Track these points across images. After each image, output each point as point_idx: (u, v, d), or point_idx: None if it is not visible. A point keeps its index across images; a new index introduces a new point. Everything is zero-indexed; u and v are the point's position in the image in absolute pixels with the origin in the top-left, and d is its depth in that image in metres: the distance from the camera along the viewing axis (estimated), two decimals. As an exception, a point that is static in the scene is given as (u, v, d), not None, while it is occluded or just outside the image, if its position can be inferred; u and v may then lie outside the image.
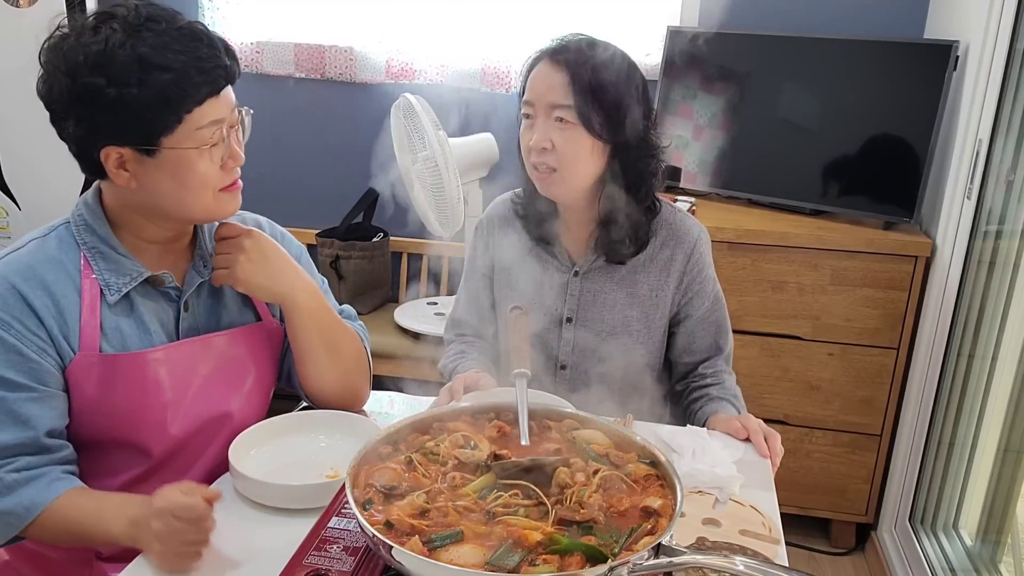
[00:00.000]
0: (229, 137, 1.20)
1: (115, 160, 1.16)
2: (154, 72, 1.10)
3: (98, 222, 1.23)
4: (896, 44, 2.48)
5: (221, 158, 1.19)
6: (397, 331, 2.79)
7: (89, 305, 1.19)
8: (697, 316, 1.64)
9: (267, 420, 1.36)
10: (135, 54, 1.10)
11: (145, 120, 1.12)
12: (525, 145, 1.54)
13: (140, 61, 1.10)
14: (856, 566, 2.57)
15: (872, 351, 2.44)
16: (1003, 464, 2.14)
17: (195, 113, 1.14)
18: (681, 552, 0.95)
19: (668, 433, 1.43)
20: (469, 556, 0.93)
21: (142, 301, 1.24)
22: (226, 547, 1.13)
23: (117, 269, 1.21)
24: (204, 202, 1.20)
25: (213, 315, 1.32)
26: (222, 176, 1.20)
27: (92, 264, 1.21)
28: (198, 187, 1.18)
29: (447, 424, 1.19)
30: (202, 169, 1.17)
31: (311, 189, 3.17)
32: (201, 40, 1.14)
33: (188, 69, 1.12)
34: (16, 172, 2.97)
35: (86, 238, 1.22)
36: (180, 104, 1.13)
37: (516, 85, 2.84)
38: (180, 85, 1.12)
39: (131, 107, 1.11)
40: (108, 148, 1.15)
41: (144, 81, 1.10)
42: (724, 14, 2.78)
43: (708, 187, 2.71)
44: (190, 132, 1.15)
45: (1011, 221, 2.17)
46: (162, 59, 1.10)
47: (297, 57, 3.00)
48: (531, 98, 1.52)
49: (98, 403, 1.20)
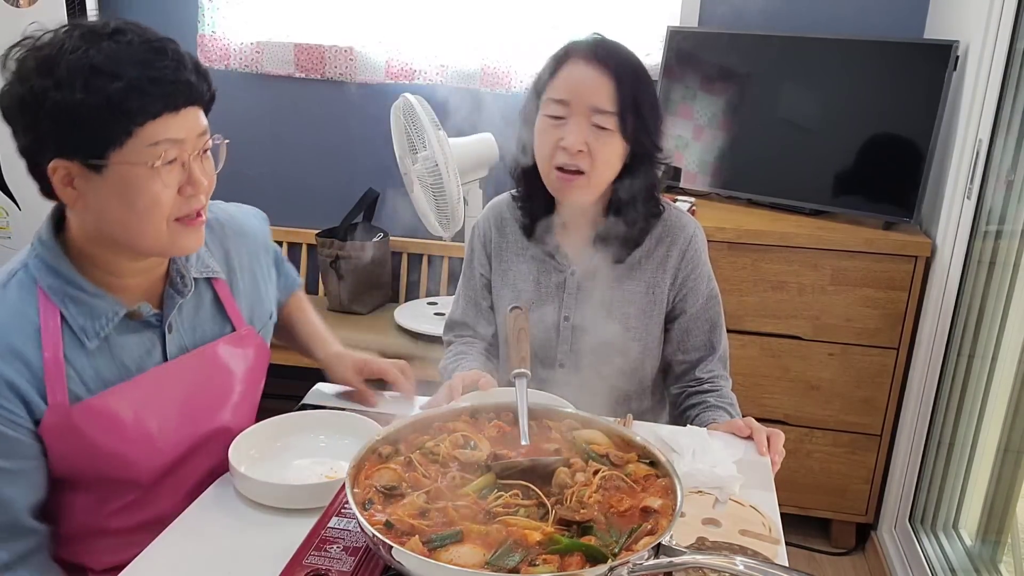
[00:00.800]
0: (191, 162, 1.11)
1: (62, 175, 1.08)
2: (103, 79, 1.03)
3: (58, 261, 1.14)
4: (896, 44, 2.48)
5: (178, 183, 1.11)
6: (397, 331, 2.78)
7: (53, 357, 1.11)
8: (691, 312, 1.63)
9: (267, 420, 1.36)
10: (86, 60, 1.03)
11: (91, 130, 1.04)
12: (549, 143, 1.49)
13: (90, 67, 1.03)
14: (856, 566, 2.57)
15: (872, 351, 2.44)
16: (1003, 464, 2.14)
17: (147, 128, 1.06)
18: (681, 552, 0.94)
19: (668, 433, 1.43)
20: (469, 556, 0.93)
21: (120, 338, 1.17)
22: (226, 547, 1.13)
23: (90, 311, 1.14)
24: (155, 230, 1.11)
25: (197, 329, 1.27)
26: (178, 203, 1.12)
27: (62, 310, 1.13)
28: (147, 211, 1.09)
29: (447, 424, 1.19)
30: (152, 190, 1.08)
31: (311, 189, 3.17)
32: (165, 54, 1.08)
33: (142, 79, 1.04)
34: (16, 172, 2.97)
35: (49, 281, 1.13)
36: (130, 116, 1.04)
37: (516, 85, 2.85)
38: (130, 95, 1.03)
39: (75, 114, 1.03)
40: (56, 161, 1.07)
41: (91, 87, 1.02)
42: (724, 14, 2.78)
43: (708, 187, 2.71)
44: (140, 148, 1.06)
45: (1011, 221, 2.17)
46: (114, 67, 1.03)
47: (297, 57, 3.00)
48: (567, 97, 1.47)
49: (77, 451, 1.15)
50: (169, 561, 1.10)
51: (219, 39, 3.01)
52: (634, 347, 1.62)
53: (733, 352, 1.74)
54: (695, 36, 2.73)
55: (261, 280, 1.41)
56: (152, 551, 1.11)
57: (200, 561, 1.10)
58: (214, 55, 3.02)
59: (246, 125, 3.12)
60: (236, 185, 1.70)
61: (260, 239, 1.44)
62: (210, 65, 3.01)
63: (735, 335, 2.43)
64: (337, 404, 1.52)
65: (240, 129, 3.19)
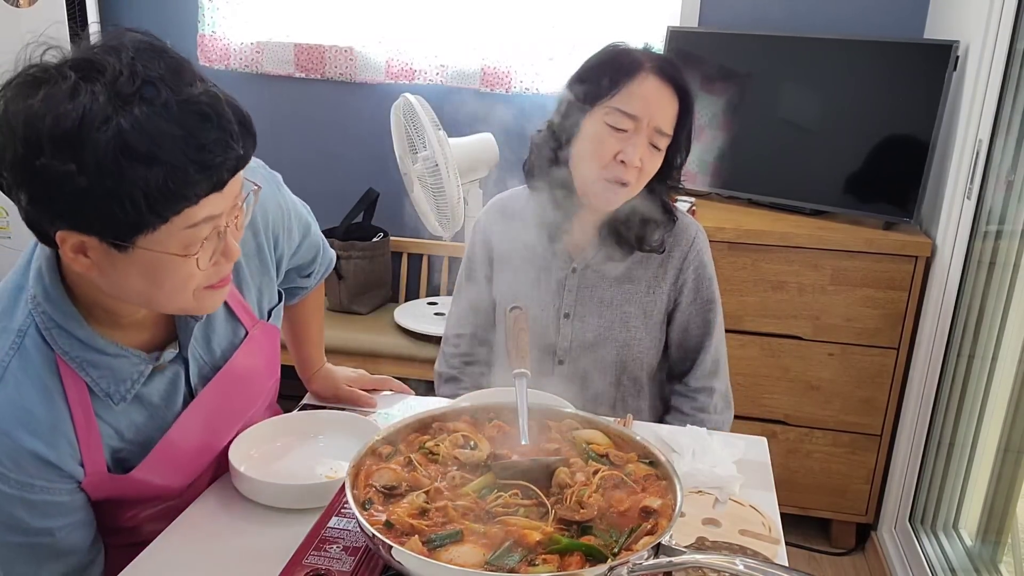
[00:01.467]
0: (228, 233, 0.98)
1: (74, 245, 0.92)
2: (138, 165, 0.85)
3: (69, 320, 1.02)
4: (896, 44, 2.48)
5: (212, 254, 0.98)
6: (397, 331, 2.78)
7: (84, 422, 1.03)
8: (689, 314, 1.64)
9: (267, 420, 1.36)
10: (118, 138, 0.84)
11: (120, 218, 0.88)
12: (607, 154, 1.47)
13: (124, 148, 0.84)
14: (856, 566, 2.57)
15: (872, 351, 2.44)
16: (1003, 464, 2.14)
17: (185, 213, 0.90)
18: (681, 552, 0.94)
19: (668, 433, 1.43)
20: (469, 556, 0.93)
21: (146, 390, 1.11)
22: (226, 547, 1.13)
23: (114, 375, 1.05)
24: (181, 303, 1.01)
25: (211, 340, 1.21)
26: (209, 275, 0.99)
27: (82, 375, 1.03)
28: (176, 289, 0.98)
29: (447, 424, 1.19)
30: (184, 273, 0.96)
31: (311, 189, 3.15)
32: (210, 121, 0.89)
33: (185, 164, 0.87)
34: (16, 172, 2.97)
35: (63, 345, 1.02)
36: (167, 205, 0.88)
37: (516, 85, 2.85)
38: (171, 183, 0.87)
39: (104, 202, 0.86)
40: (66, 232, 0.91)
41: (125, 174, 0.85)
42: (724, 14, 2.78)
43: (708, 187, 2.71)
44: (176, 232, 0.91)
45: (1011, 221, 2.17)
46: (152, 147, 0.85)
47: (297, 57, 3.00)
48: (637, 113, 1.44)
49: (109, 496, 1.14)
50: (169, 561, 1.10)
51: (219, 39, 3.01)
52: (633, 346, 1.63)
53: (733, 352, 1.74)
54: (695, 36, 2.73)
55: (272, 258, 1.31)
56: (153, 551, 1.11)
57: (200, 561, 1.10)
58: (214, 55, 3.02)
59: (246, 125, 3.12)
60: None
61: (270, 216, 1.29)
62: (210, 65, 3.02)
63: (735, 335, 2.43)
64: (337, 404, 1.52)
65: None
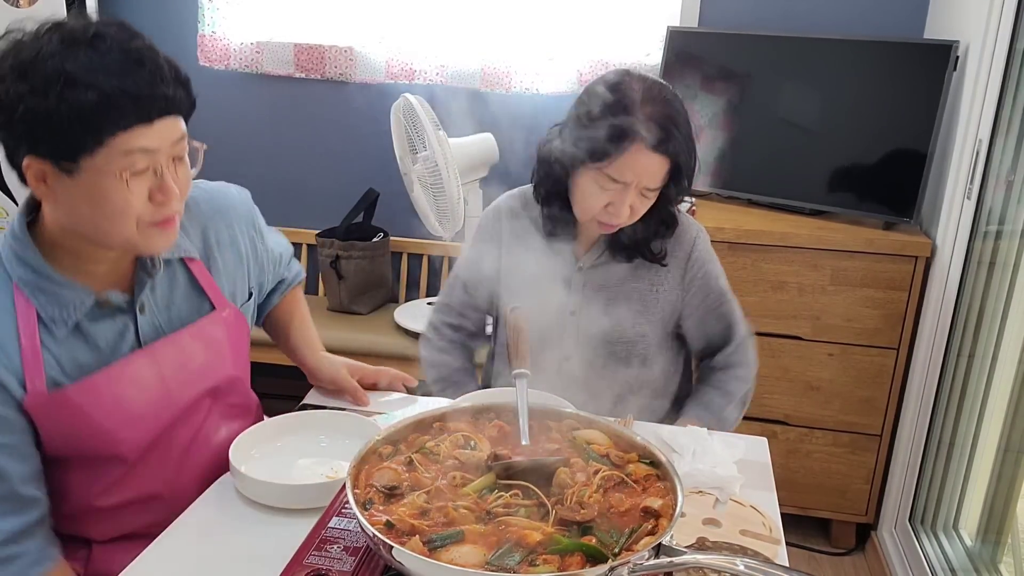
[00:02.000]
0: (164, 169, 1.11)
1: (35, 172, 1.09)
2: (77, 89, 1.03)
3: (27, 251, 1.15)
4: (896, 44, 2.48)
5: (149, 190, 1.11)
6: (397, 331, 2.78)
7: (30, 344, 1.13)
8: (704, 310, 1.67)
9: (267, 420, 1.37)
10: (62, 68, 1.03)
11: (62, 137, 1.05)
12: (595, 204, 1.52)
13: (65, 76, 1.03)
14: (856, 566, 2.57)
15: (872, 351, 2.44)
16: (1003, 464, 2.14)
17: (119, 138, 1.06)
18: (681, 552, 0.94)
19: (668, 433, 1.43)
20: (469, 556, 0.93)
21: (92, 325, 1.19)
22: (226, 547, 1.13)
23: (58, 300, 1.15)
24: (125, 234, 1.12)
25: (172, 307, 1.28)
26: (150, 210, 1.12)
27: (31, 299, 1.14)
28: (116, 217, 1.10)
29: (447, 424, 1.19)
30: (119, 198, 1.09)
31: (311, 189, 3.17)
32: (143, 65, 1.07)
33: (116, 93, 1.04)
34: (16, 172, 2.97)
35: (18, 271, 1.15)
36: (100, 127, 1.05)
37: (516, 85, 2.85)
38: (103, 108, 1.04)
39: (48, 121, 1.04)
40: (29, 159, 1.08)
41: (64, 97, 1.02)
42: (724, 14, 2.78)
43: (708, 187, 2.71)
44: (111, 157, 1.06)
45: (1011, 221, 2.17)
46: (89, 78, 1.03)
47: (297, 57, 3.00)
48: (627, 181, 1.48)
49: (58, 432, 1.17)
50: (169, 561, 1.10)
51: (219, 39, 3.01)
52: (639, 343, 1.64)
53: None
54: (695, 36, 2.73)
55: (246, 253, 1.41)
56: (152, 551, 1.12)
57: (200, 561, 1.10)
58: (214, 55, 3.02)
59: (246, 125, 3.12)
60: (236, 185, 1.70)
61: (242, 213, 1.42)
62: (210, 65, 3.01)
63: (735, 335, 2.43)
64: (337, 404, 1.53)
65: (240, 129, 3.22)
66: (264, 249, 1.47)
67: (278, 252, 1.56)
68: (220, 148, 1.29)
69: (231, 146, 3.05)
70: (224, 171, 1.36)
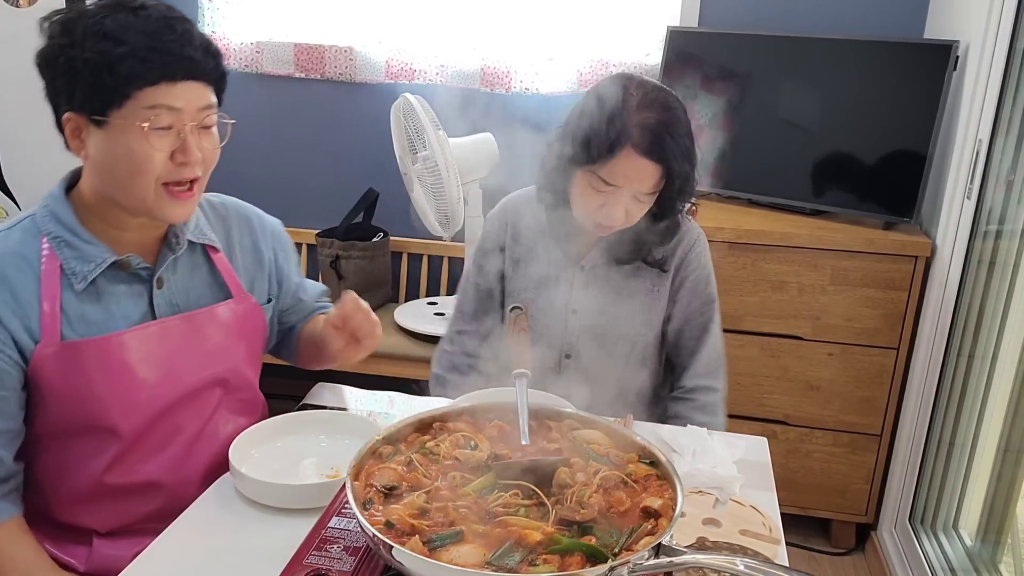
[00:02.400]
0: (188, 133, 1.18)
1: (72, 127, 1.18)
2: (108, 43, 1.12)
3: (62, 210, 1.23)
4: (896, 44, 2.48)
5: (170, 149, 1.18)
6: (397, 331, 2.78)
7: (50, 296, 1.19)
8: (686, 313, 1.67)
9: (267, 420, 1.37)
10: (100, 27, 1.13)
11: (93, 88, 1.13)
12: (591, 206, 1.53)
13: (101, 33, 1.12)
14: (856, 566, 2.57)
15: (872, 351, 2.44)
16: (1003, 464, 2.14)
17: (145, 93, 1.13)
18: (681, 552, 0.95)
19: (668, 433, 1.43)
20: (469, 556, 0.93)
21: (110, 286, 1.24)
22: (226, 547, 1.13)
23: (81, 256, 1.21)
24: (142, 190, 1.18)
25: (192, 291, 1.32)
26: (168, 169, 1.18)
27: (57, 253, 1.21)
28: (136, 169, 1.16)
29: (447, 424, 1.19)
30: (142, 150, 1.15)
31: (311, 189, 3.17)
32: (173, 29, 1.15)
33: (144, 49, 1.12)
34: (16, 172, 2.97)
35: (50, 227, 1.22)
36: (127, 79, 1.12)
37: (516, 85, 2.85)
38: (129, 60, 1.12)
39: (81, 72, 1.13)
40: (68, 114, 1.17)
41: (97, 49, 1.12)
42: (724, 14, 2.78)
43: (708, 187, 2.71)
44: (137, 110, 1.14)
45: (1011, 221, 2.17)
46: (122, 35, 1.12)
47: (297, 57, 3.00)
48: (619, 184, 1.48)
49: (63, 391, 1.20)
50: (169, 560, 1.10)
51: (219, 39, 3.01)
52: (639, 341, 1.65)
53: (733, 352, 1.74)
54: (695, 36, 2.73)
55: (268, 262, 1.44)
56: (153, 550, 1.12)
57: (200, 561, 1.10)
58: (214, 55, 3.01)
59: (246, 125, 3.09)
60: (236, 185, 1.70)
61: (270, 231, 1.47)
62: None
63: (735, 335, 2.43)
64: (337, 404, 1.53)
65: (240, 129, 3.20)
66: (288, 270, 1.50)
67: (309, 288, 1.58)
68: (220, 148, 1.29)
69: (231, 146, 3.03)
70: (224, 171, 1.36)
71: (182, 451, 1.29)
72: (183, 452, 1.29)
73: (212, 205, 1.41)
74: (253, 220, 1.45)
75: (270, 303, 1.45)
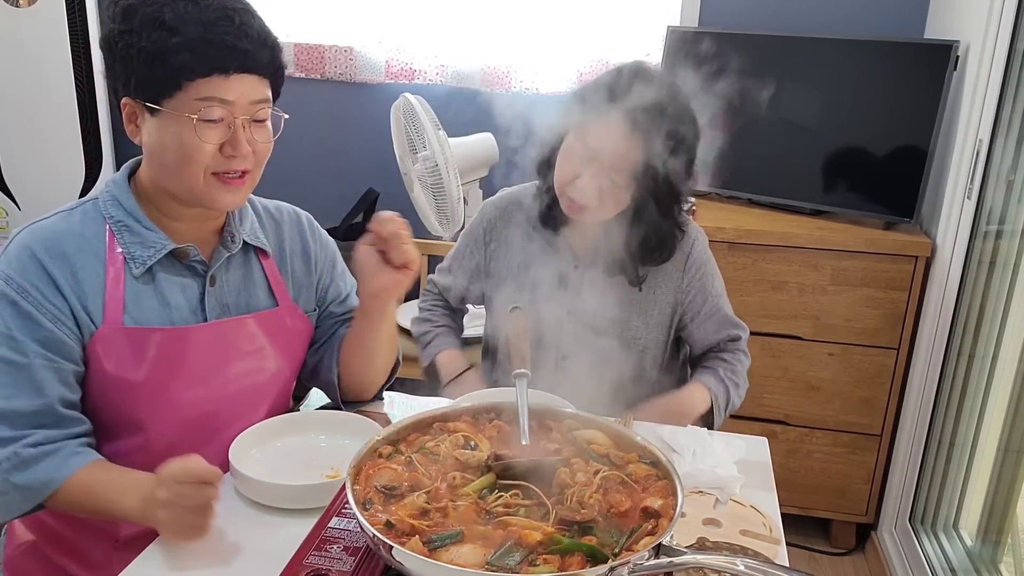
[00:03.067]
0: (239, 126, 1.18)
1: (128, 112, 1.20)
2: (164, 33, 1.12)
3: (124, 196, 1.24)
4: (896, 44, 2.48)
5: (220, 141, 1.18)
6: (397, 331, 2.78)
7: (114, 279, 1.20)
8: (705, 312, 1.67)
9: (267, 420, 1.36)
10: (158, 15, 1.13)
11: (148, 76, 1.14)
12: (567, 173, 1.52)
13: (158, 21, 1.13)
14: (856, 566, 2.57)
15: (872, 351, 2.44)
16: (1003, 464, 2.14)
17: (197, 84, 1.14)
18: (682, 552, 0.95)
19: (668, 433, 1.43)
20: (469, 556, 0.93)
21: (165, 276, 1.25)
22: (226, 547, 1.13)
23: (142, 242, 1.23)
24: (191, 180, 1.19)
25: (242, 293, 1.33)
26: (217, 160, 1.19)
27: (117, 237, 1.22)
28: (186, 160, 1.17)
29: (447, 424, 1.19)
30: (192, 142, 1.16)
31: (311, 189, 3.17)
32: (230, 20, 1.15)
33: (198, 40, 1.13)
34: (16, 172, 2.97)
35: (112, 212, 1.23)
36: (179, 70, 1.13)
37: (516, 85, 2.85)
38: (182, 51, 1.12)
39: (137, 60, 1.13)
40: (125, 99, 1.18)
41: (152, 39, 1.12)
42: (724, 14, 2.78)
43: (708, 187, 2.71)
44: (189, 101, 1.15)
45: (1011, 221, 2.17)
46: (178, 24, 1.13)
47: (297, 57, 3.00)
48: (593, 148, 1.47)
49: (108, 376, 1.20)
50: (169, 561, 1.10)
51: (219, 39, 3.01)
52: (636, 342, 1.64)
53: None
54: (695, 36, 2.73)
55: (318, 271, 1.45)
56: (152, 551, 1.12)
57: (200, 561, 1.10)
58: (214, 55, 3.02)
59: (246, 125, 3.12)
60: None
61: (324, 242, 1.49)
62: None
63: (735, 335, 2.43)
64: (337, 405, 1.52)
65: (240, 129, 3.22)
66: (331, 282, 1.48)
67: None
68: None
69: (231, 146, 3.04)
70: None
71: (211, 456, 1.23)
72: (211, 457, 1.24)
73: (268, 211, 1.42)
74: (305, 230, 1.46)
75: (315, 312, 1.45)
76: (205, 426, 1.28)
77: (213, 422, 1.29)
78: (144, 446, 1.24)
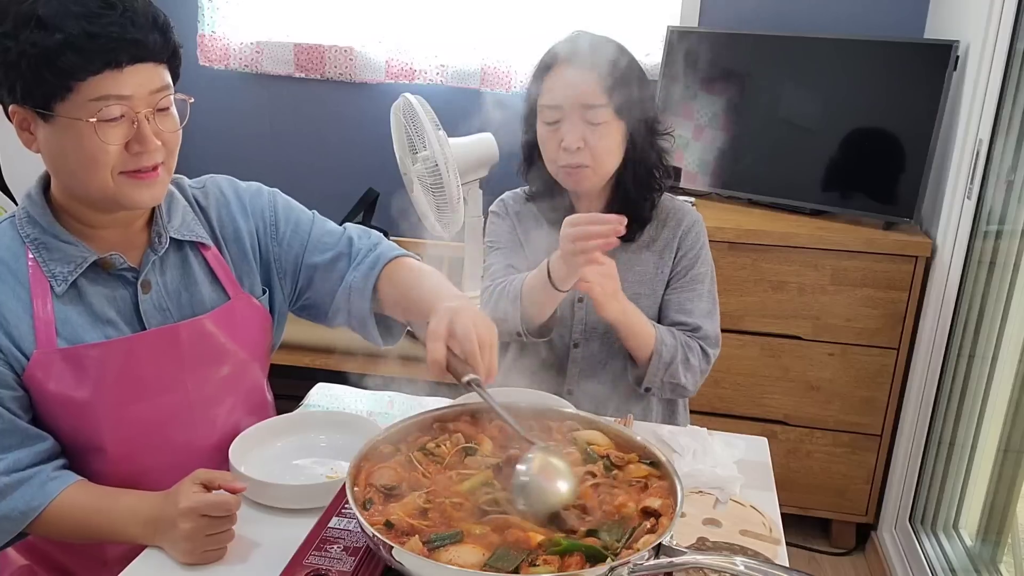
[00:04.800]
0: (142, 119, 1.09)
1: (19, 119, 1.11)
2: (43, 32, 1.03)
3: (39, 212, 1.17)
4: (896, 44, 2.48)
5: (125, 139, 1.09)
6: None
7: (42, 301, 1.13)
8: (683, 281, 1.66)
9: (267, 420, 1.36)
10: (34, 11, 1.03)
11: (33, 82, 1.05)
12: (552, 147, 1.57)
13: (35, 19, 1.03)
14: (856, 566, 2.57)
15: (872, 351, 2.44)
16: (1003, 464, 2.14)
17: (89, 83, 1.05)
18: (681, 552, 0.95)
19: (668, 433, 1.43)
20: (469, 556, 0.93)
21: (94, 289, 1.17)
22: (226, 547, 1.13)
23: (61, 258, 1.15)
24: (100, 184, 1.11)
25: (183, 294, 1.24)
26: (124, 159, 1.10)
27: (36, 256, 1.15)
28: (90, 163, 1.09)
29: (447, 424, 1.19)
30: (92, 145, 1.07)
31: (311, 189, 3.15)
32: (113, 8, 1.05)
33: (81, 36, 1.03)
34: (16, 172, 2.97)
35: (28, 231, 1.16)
36: (66, 72, 1.04)
37: (516, 85, 2.85)
38: (67, 51, 1.03)
39: (18, 65, 1.04)
40: (13, 106, 1.10)
41: (32, 40, 1.03)
42: (724, 14, 2.78)
43: (708, 187, 2.71)
44: (82, 103, 1.06)
45: (1011, 221, 2.17)
46: (57, 21, 1.03)
47: (297, 57, 3.00)
48: (558, 102, 1.54)
49: (56, 400, 1.14)
50: (169, 561, 1.10)
51: (219, 39, 3.01)
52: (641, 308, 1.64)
53: (733, 352, 1.75)
54: (695, 36, 2.73)
55: (251, 248, 1.32)
56: (152, 551, 1.11)
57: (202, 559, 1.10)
58: (214, 55, 3.02)
59: (246, 125, 3.11)
60: (236, 185, 1.70)
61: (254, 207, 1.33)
62: (210, 65, 3.01)
63: (735, 335, 2.43)
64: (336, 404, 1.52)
65: (240, 129, 3.22)
66: (282, 244, 1.35)
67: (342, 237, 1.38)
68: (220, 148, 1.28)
69: (231, 146, 3.05)
70: (224, 171, 1.36)
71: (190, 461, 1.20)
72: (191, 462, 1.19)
73: (196, 198, 1.30)
74: (231, 202, 1.32)
75: (266, 294, 1.34)
76: (174, 436, 1.23)
77: (184, 430, 1.23)
78: (108, 463, 1.19)
